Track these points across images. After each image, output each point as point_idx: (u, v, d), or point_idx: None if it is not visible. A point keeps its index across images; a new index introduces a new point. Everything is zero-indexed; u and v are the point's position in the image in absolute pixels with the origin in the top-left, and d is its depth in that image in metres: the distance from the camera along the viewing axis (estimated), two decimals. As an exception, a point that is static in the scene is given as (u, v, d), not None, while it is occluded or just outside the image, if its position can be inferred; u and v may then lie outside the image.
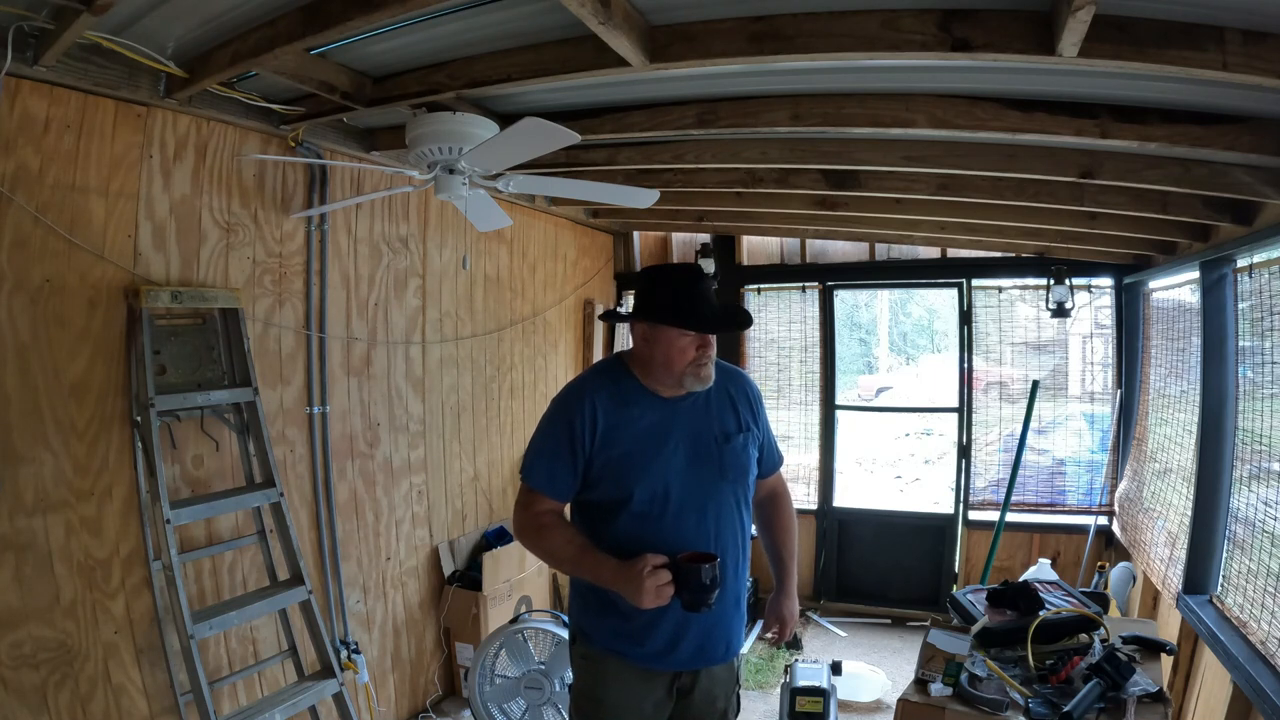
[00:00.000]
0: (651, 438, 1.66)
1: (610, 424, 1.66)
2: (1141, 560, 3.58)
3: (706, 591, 1.53)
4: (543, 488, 1.70)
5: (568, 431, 1.66)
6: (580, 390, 1.72)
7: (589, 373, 1.79)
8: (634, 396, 1.69)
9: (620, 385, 1.71)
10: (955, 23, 1.56)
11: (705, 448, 1.69)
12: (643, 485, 1.65)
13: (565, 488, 1.70)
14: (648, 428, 1.67)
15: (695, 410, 1.72)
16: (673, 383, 1.67)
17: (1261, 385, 2.62)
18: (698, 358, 1.65)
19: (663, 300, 1.65)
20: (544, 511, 1.71)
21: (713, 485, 1.69)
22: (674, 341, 1.64)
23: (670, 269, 1.75)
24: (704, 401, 1.73)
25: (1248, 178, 2.26)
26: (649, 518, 1.65)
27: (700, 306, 1.64)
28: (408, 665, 3.34)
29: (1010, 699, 1.93)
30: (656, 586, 1.51)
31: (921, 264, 4.76)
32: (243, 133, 2.54)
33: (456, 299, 3.62)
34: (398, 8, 1.57)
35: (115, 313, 2.20)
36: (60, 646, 2.05)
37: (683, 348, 1.64)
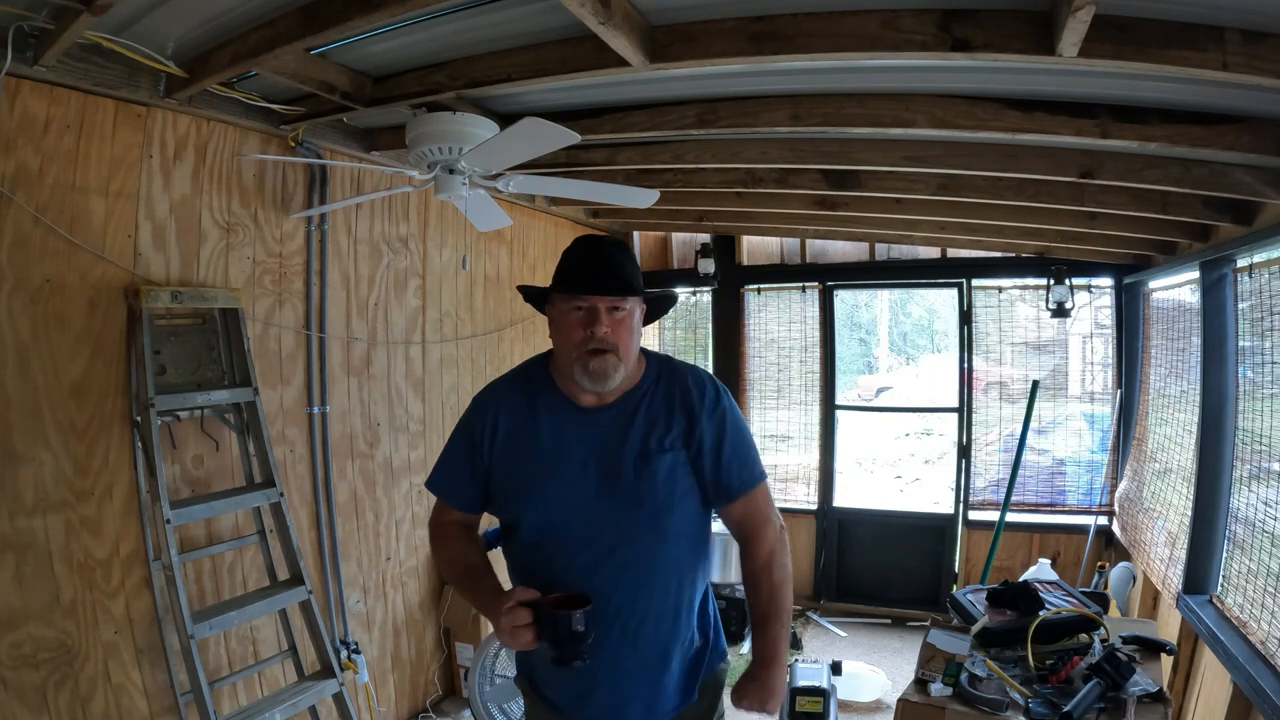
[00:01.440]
0: (551, 455, 1.39)
1: (510, 433, 1.42)
2: (1141, 560, 3.58)
3: (575, 642, 1.25)
4: (443, 495, 1.51)
5: (467, 436, 1.45)
6: (488, 392, 1.50)
7: (510, 371, 1.54)
8: (543, 402, 1.42)
9: (532, 387, 1.45)
10: (955, 23, 1.56)
11: (619, 471, 1.37)
12: (531, 511, 1.39)
13: (466, 498, 1.48)
14: (548, 442, 1.40)
15: (616, 424, 1.40)
16: (571, 378, 1.37)
17: (1261, 385, 2.62)
18: (585, 339, 1.33)
19: (558, 268, 1.40)
20: (446, 522, 1.52)
21: (627, 518, 1.36)
22: (560, 319, 1.37)
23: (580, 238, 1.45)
24: (631, 413, 1.40)
25: (1248, 178, 2.26)
26: (540, 550, 1.40)
27: (584, 269, 1.35)
28: (408, 665, 3.34)
29: (1010, 699, 1.93)
30: (513, 628, 1.25)
31: (921, 264, 4.76)
32: (243, 133, 2.54)
33: (456, 299, 3.62)
34: (398, 8, 1.57)
35: (115, 313, 2.20)
36: (60, 646, 2.05)
37: (568, 326, 1.35)
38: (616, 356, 1.34)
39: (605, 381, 1.34)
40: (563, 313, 1.36)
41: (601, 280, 1.35)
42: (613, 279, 1.35)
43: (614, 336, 1.34)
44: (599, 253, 1.38)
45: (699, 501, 1.44)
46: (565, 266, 1.38)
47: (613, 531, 1.37)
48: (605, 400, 1.41)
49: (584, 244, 1.41)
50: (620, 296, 1.35)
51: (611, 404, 1.41)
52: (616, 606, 1.36)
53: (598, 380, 1.34)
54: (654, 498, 1.38)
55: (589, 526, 1.37)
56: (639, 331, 1.41)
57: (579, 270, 1.36)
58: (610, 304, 1.35)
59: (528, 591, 1.29)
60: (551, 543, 1.38)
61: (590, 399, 1.40)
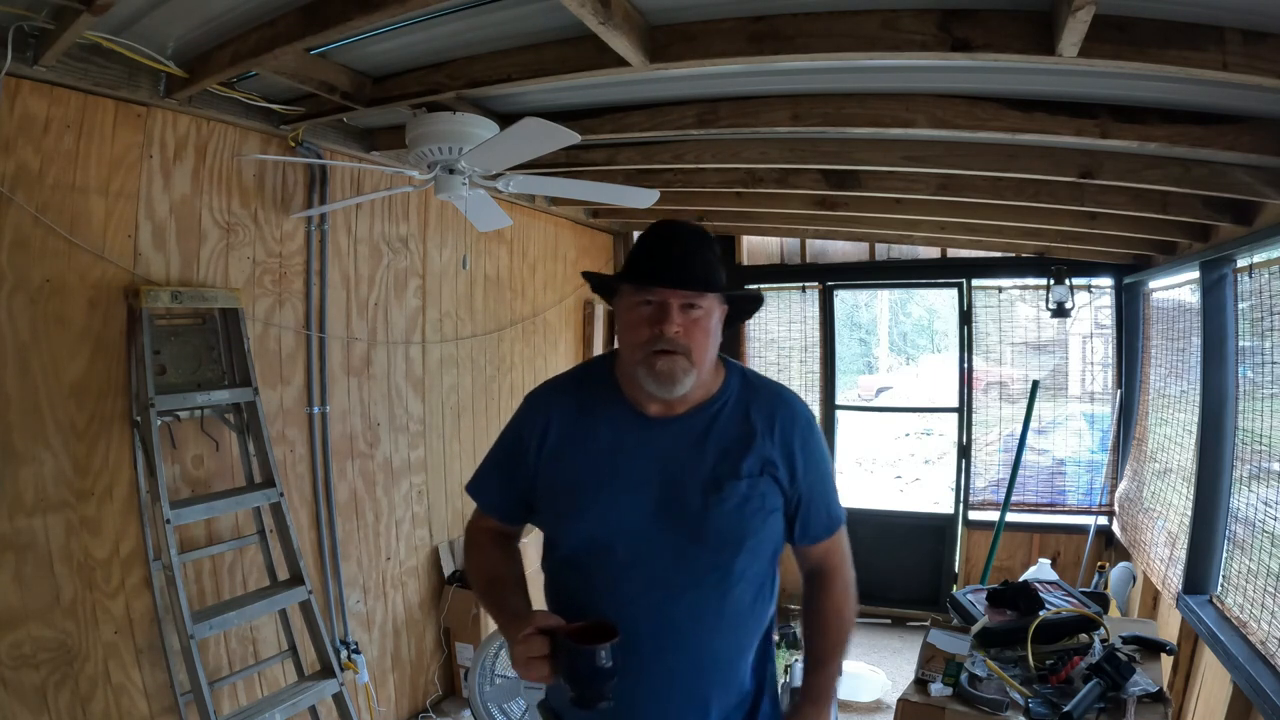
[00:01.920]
0: (605, 465, 1.23)
1: (561, 437, 1.26)
2: (1141, 560, 3.57)
3: (598, 681, 1.06)
4: (482, 502, 1.38)
5: (515, 438, 1.32)
6: (543, 391, 1.36)
7: (571, 369, 1.41)
8: (602, 406, 1.27)
9: (592, 388, 1.30)
10: (955, 23, 1.56)
11: (682, 496, 1.20)
12: (575, 525, 1.24)
13: (507, 506, 1.34)
14: (604, 451, 1.23)
15: (685, 440, 1.23)
16: (635, 380, 1.21)
17: (1261, 385, 2.62)
18: (653, 337, 1.16)
19: (629, 255, 1.24)
20: (481, 529, 1.39)
21: (684, 550, 1.19)
22: (627, 313, 1.21)
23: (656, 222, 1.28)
24: (704, 428, 1.24)
25: (1248, 178, 2.26)
26: (579, 571, 1.24)
27: (658, 259, 1.18)
28: (408, 665, 3.34)
29: (1010, 699, 1.93)
30: (526, 659, 1.08)
31: (921, 264, 4.76)
32: (243, 133, 2.54)
33: (456, 299, 3.62)
34: (398, 8, 1.57)
35: (115, 313, 2.20)
36: (60, 646, 2.05)
37: (633, 322, 1.19)
38: (688, 360, 1.17)
39: (672, 387, 1.17)
40: (629, 306, 1.20)
41: (675, 272, 1.17)
42: (688, 271, 1.17)
43: (686, 337, 1.17)
44: (675, 241, 1.20)
45: (772, 540, 1.26)
46: (636, 254, 1.22)
47: (665, 563, 1.19)
48: (674, 410, 1.24)
49: (660, 230, 1.24)
50: (696, 292, 1.18)
51: (681, 415, 1.24)
52: (658, 648, 1.18)
53: (663, 385, 1.17)
54: (719, 532, 1.19)
55: (638, 552, 1.19)
56: (717, 335, 1.23)
57: (650, 259, 1.19)
58: (684, 299, 1.17)
59: (549, 617, 1.12)
60: (593, 565, 1.21)
61: (657, 407, 1.24)
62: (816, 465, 1.28)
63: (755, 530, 1.22)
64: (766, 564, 1.26)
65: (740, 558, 1.21)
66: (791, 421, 1.27)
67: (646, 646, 1.17)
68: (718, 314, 1.23)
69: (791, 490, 1.25)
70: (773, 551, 1.27)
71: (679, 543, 1.19)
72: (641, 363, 1.17)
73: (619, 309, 1.24)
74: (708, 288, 1.18)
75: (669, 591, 1.19)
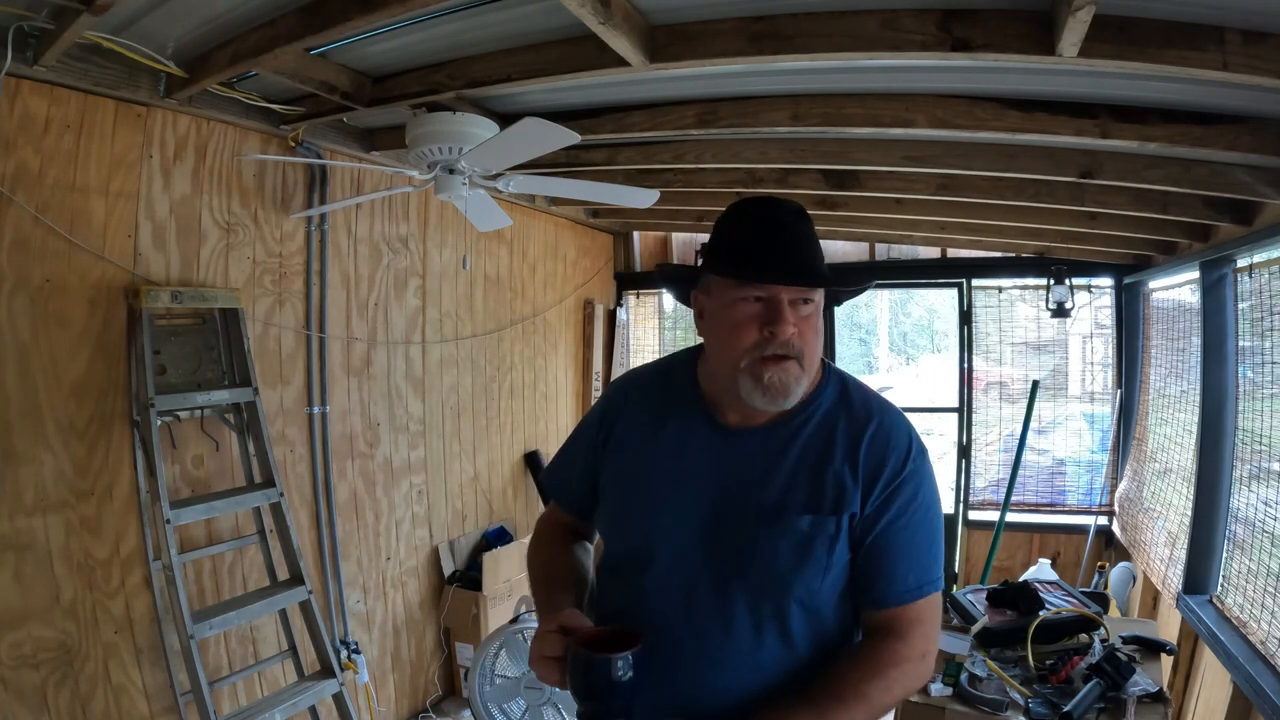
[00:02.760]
0: (664, 472, 1.09)
1: (629, 434, 1.15)
2: (1141, 560, 3.57)
3: (612, 695, 0.92)
4: (554, 492, 1.29)
5: (590, 426, 1.22)
6: (622, 383, 1.25)
7: (655, 362, 1.28)
8: (676, 408, 1.13)
9: (675, 388, 1.15)
10: (955, 23, 1.56)
11: (735, 519, 1.04)
12: (621, 533, 1.14)
13: (573, 497, 1.24)
14: (667, 458, 1.10)
15: (756, 455, 1.06)
16: (730, 390, 1.04)
17: (1261, 385, 2.62)
18: (763, 341, 0.99)
19: (716, 243, 1.06)
20: (550, 522, 1.29)
21: (725, 579, 1.03)
22: (725, 312, 1.02)
23: (742, 200, 1.08)
24: (782, 445, 1.06)
25: (1248, 178, 2.26)
26: (619, 577, 1.13)
27: (761, 245, 1.00)
28: (408, 665, 3.34)
29: (1010, 699, 1.93)
30: (541, 657, 0.97)
31: (921, 264, 4.76)
32: (243, 133, 2.54)
33: (456, 299, 3.62)
34: (398, 8, 1.57)
35: (115, 313, 2.20)
36: (60, 646, 2.05)
37: (737, 322, 1.01)
38: (800, 366, 1.01)
39: (785, 398, 1.01)
40: (728, 304, 1.01)
41: (790, 261, 0.99)
42: (805, 261, 1.01)
43: (799, 338, 1.00)
44: (782, 224, 1.01)
45: (839, 592, 1.05)
46: (734, 240, 1.03)
47: (706, 591, 1.03)
48: (752, 420, 1.08)
49: (758, 209, 1.04)
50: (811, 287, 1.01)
51: (760, 426, 1.07)
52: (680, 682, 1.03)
53: (775, 397, 1.00)
54: (768, 571, 1.01)
55: (679, 572, 1.05)
56: (822, 332, 1.06)
57: (757, 247, 1.00)
58: (796, 295, 1.00)
59: (576, 617, 1.00)
60: (631, 574, 1.09)
61: (736, 417, 1.08)
62: (906, 510, 1.04)
63: (809, 578, 1.01)
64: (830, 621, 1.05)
65: (783, 603, 1.01)
66: (888, 450, 1.04)
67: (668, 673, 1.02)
68: (821, 308, 1.05)
69: (859, 538, 1.03)
70: (838, 606, 1.05)
71: (721, 570, 1.03)
72: (747, 370, 1.00)
73: (711, 307, 1.06)
74: (827, 281, 1.02)
75: (700, 622, 1.03)
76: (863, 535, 1.03)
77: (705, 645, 1.03)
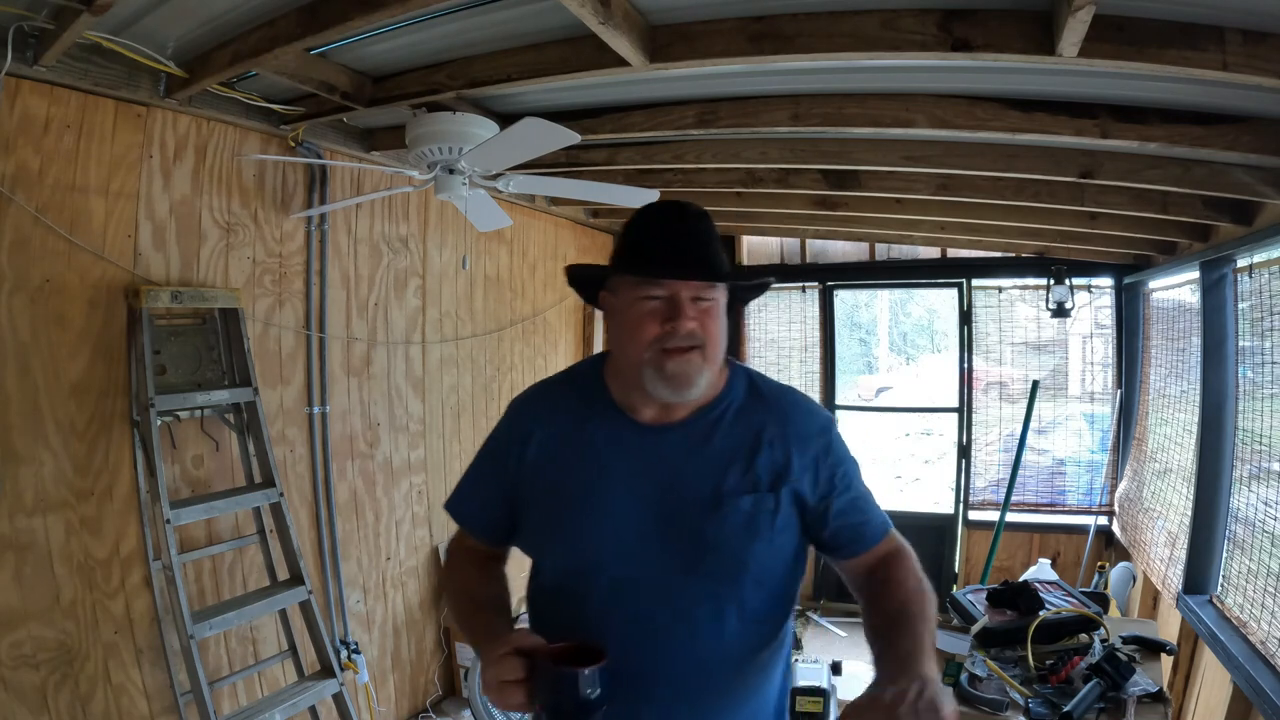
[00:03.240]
0: (593, 480, 1.09)
1: (546, 449, 1.13)
2: (1141, 560, 3.57)
3: (582, 712, 0.93)
4: (461, 520, 1.25)
5: (495, 449, 1.20)
6: (526, 398, 1.23)
7: (557, 374, 1.27)
8: (591, 414, 1.13)
9: (581, 395, 1.16)
10: (955, 23, 1.56)
11: (678, 514, 1.06)
12: (559, 548, 1.10)
13: (488, 525, 1.21)
14: (592, 464, 1.10)
15: (683, 449, 1.09)
16: (637, 385, 1.08)
17: (1261, 385, 2.62)
18: (664, 335, 1.02)
19: (621, 245, 1.10)
20: (462, 549, 1.26)
21: (678, 577, 1.05)
22: (629, 309, 1.06)
23: (647, 205, 1.15)
24: (704, 435, 1.10)
25: (1248, 178, 2.26)
26: (566, 598, 1.09)
27: (662, 245, 1.05)
28: (408, 665, 3.34)
29: (1010, 699, 1.93)
30: (499, 682, 0.95)
31: (921, 264, 4.77)
32: (243, 133, 2.54)
33: (456, 299, 3.62)
34: (398, 8, 1.57)
35: (115, 313, 2.20)
36: (60, 646, 2.05)
37: (638, 317, 1.04)
38: (701, 355, 1.04)
39: (688, 388, 1.04)
40: (630, 302, 1.05)
41: (688, 259, 1.03)
42: (702, 259, 1.04)
43: (700, 330, 1.04)
44: (683, 224, 1.06)
45: (781, 566, 1.10)
46: (636, 240, 1.07)
47: (658, 592, 1.05)
48: (672, 416, 1.10)
49: (661, 212, 1.10)
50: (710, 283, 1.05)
51: (680, 421, 1.10)
52: (650, 689, 1.04)
53: (679, 387, 1.04)
54: (719, 555, 1.05)
55: (627, 577, 1.06)
56: (725, 327, 1.09)
57: (656, 246, 1.04)
58: (696, 291, 1.04)
59: (529, 637, 0.99)
60: (579, 592, 1.07)
61: (652, 413, 1.11)
62: (849, 472, 1.14)
63: (759, 554, 1.07)
64: (778, 593, 1.11)
65: (740, 584, 1.06)
66: (810, 427, 1.13)
67: (638, 684, 1.02)
68: (724, 304, 1.09)
69: (820, 503, 1.10)
70: (783, 577, 1.11)
71: (673, 568, 1.05)
72: (650, 363, 1.03)
73: (615, 305, 1.09)
74: (722, 276, 1.06)
75: (659, 621, 1.05)
76: (827, 504, 1.11)
77: (671, 642, 1.05)
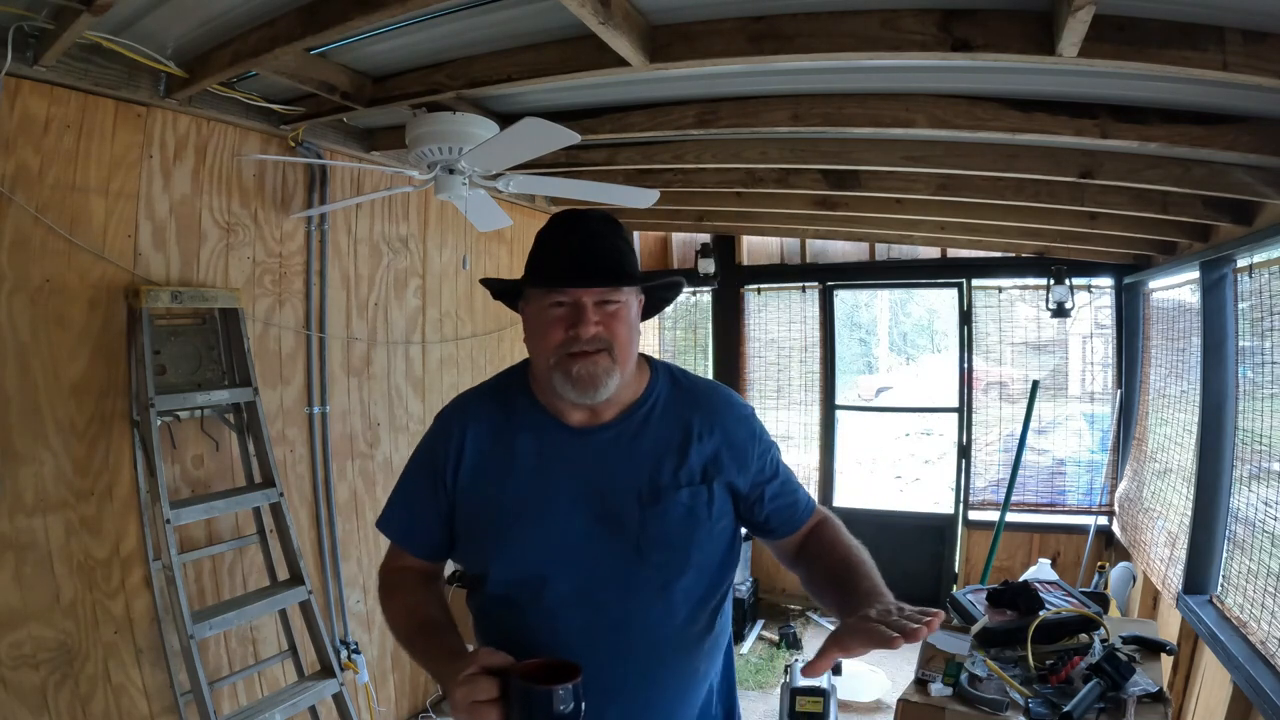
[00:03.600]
0: (530, 486, 1.10)
1: (478, 459, 1.14)
2: (1141, 560, 3.57)
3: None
4: (396, 538, 1.22)
5: (427, 464, 1.17)
6: (454, 408, 1.21)
7: (483, 383, 1.26)
8: (520, 420, 1.14)
9: (509, 402, 1.17)
10: (955, 23, 1.56)
11: (617, 511, 1.08)
12: (503, 557, 1.10)
13: (425, 541, 1.19)
14: (526, 471, 1.11)
15: (615, 448, 1.12)
16: (550, 389, 1.10)
17: (1261, 385, 2.62)
18: (568, 340, 1.05)
19: (531, 255, 1.14)
20: (397, 569, 1.22)
21: (623, 572, 1.07)
22: (536, 317, 1.09)
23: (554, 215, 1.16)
24: (633, 434, 1.13)
25: (1248, 178, 2.26)
26: (512, 608, 1.09)
27: (564, 254, 1.08)
28: (408, 665, 3.33)
29: (1010, 699, 1.93)
30: (470, 703, 0.92)
31: (921, 264, 4.76)
32: (243, 133, 2.54)
33: (456, 299, 3.62)
34: (398, 8, 1.57)
35: (115, 313, 2.20)
36: (60, 646, 2.05)
37: (545, 324, 1.07)
38: (610, 357, 1.06)
39: (595, 390, 1.06)
40: (539, 310, 1.08)
41: (587, 266, 1.06)
42: (601, 264, 1.07)
43: (606, 332, 1.06)
44: (582, 231, 1.09)
45: (719, 551, 1.14)
46: (541, 251, 1.11)
47: (606, 590, 1.07)
48: (601, 418, 1.13)
49: (563, 221, 1.12)
50: (612, 287, 1.08)
51: (609, 422, 1.13)
52: (613, 689, 1.06)
53: (585, 389, 1.06)
54: (661, 547, 1.08)
55: (577, 581, 1.07)
56: (638, 327, 1.13)
57: (557, 255, 1.08)
58: (599, 296, 1.06)
59: (495, 655, 0.96)
60: (526, 599, 1.08)
61: (580, 416, 1.13)
62: (776, 457, 1.21)
63: (701, 543, 1.11)
64: (718, 576, 1.15)
65: (687, 574, 1.10)
66: (733, 420, 1.17)
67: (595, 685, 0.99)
68: (636, 305, 1.13)
69: (750, 490, 1.16)
70: (721, 563, 1.15)
71: (618, 565, 1.07)
72: (556, 368, 1.06)
73: (527, 314, 1.13)
74: (622, 280, 1.08)
75: (613, 620, 1.07)
76: (760, 491, 1.18)
77: (628, 636, 1.08)
